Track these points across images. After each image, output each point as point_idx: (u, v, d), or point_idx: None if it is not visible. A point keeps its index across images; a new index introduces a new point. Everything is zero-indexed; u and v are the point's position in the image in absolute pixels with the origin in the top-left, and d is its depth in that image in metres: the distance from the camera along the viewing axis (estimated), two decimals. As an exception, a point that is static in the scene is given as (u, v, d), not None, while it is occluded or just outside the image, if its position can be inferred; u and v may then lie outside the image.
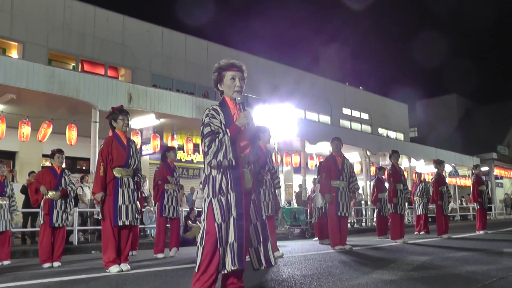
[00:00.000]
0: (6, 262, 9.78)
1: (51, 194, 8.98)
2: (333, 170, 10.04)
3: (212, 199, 4.19)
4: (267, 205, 8.68)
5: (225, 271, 4.08)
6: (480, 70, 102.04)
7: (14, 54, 20.22)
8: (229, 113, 4.38)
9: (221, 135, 4.18)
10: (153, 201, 15.44)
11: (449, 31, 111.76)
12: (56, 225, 8.94)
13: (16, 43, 20.42)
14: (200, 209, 16.23)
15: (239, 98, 4.38)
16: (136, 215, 7.49)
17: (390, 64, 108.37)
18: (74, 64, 22.13)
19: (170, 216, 10.08)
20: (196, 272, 4.16)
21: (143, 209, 11.61)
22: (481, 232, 14.43)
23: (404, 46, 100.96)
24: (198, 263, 4.15)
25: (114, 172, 7.30)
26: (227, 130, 4.21)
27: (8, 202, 10.11)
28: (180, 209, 11.14)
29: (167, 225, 10.44)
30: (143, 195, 10.45)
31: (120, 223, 7.17)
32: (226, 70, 4.42)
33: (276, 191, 9.13)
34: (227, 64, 4.42)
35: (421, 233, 15.92)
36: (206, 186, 4.26)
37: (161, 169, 10.17)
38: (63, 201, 9.08)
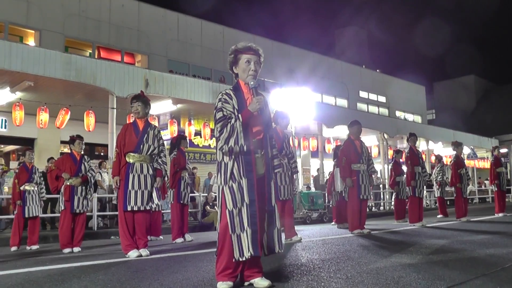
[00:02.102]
0: (34, 247, 10.00)
1: (71, 180, 9.04)
2: (353, 154, 10.00)
3: (224, 186, 4.19)
4: (283, 188, 8.69)
5: (241, 258, 4.08)
6: (498, 51, 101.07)
7: (31, 41, 20.34)
8: (243, 98, 4.35)
9: (232, 120, 4.15)
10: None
11: (467, 12, 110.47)
12: (77, 211, 9.02)
13: (33, 31, 20.55)
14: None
15: (251, 83, 4.34)
16: (151, 201, 7.50)
17: (407, 46, 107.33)
18: (90, 51, 22.23)
19: (185, 202, 10.20)
20: (216, 259, 4.20)
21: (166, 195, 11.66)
22: (500, 214, 14.30)
23: (421, 28, 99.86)
24: (217, 250, 4.19)
25: (126, 157, 7.37)
26: (239, 115, 4.18)
27: (37, 189, 10.27)
28: (198, 194, 11.18)
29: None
30: (165, 181, 10.51)
31: (129, 208, 7.22)
32: (242, 53, 4.38)
33: (294, 176, 9.11)
34: (244, 47, 4.38)
35: (438, 216, 15.84)
36: (219, 173, 4.26)
37: (178, 157, 10.26)
38: (83, 187, 9.16)
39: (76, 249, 8.85)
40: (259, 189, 4.24)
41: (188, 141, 10.71)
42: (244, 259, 4.08)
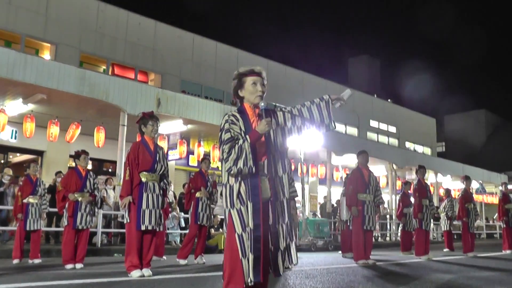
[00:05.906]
0: (37, 261, 9.93)
1: (77, 195, 9.00)
2: (360, 183, 9.98)
3: (231, 209, 4.10)
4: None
5: (245, 284, 4.01)
6: (510, 85, 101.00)
7: (46, 55, 20.50)
8: (248, 120, 4.31)
9: (240, 142, 4.10)
10: (177, 207, 15.52)
11: (483, 40, 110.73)
12: (80, 227, 8.96)
13: (49, 44, 20.72)
14: (222, 217, 16.28)
15: (262, 104, 4.33)
16: (160, 220, 7.50)
17: (420, 77, 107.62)
18: (105, 67, 22.36)
19: (204, 223, 10.10)
20: (223, 282, 4.11)
21: (169, 215, 11.64)
22: (508, 251, 14.20)
23: (435, 58, 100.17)
24: (223, 273, 4.10)
25: (140, 176, 7.34)
26: (247, 136, 4.14)
27: (40, 201, 10.25)
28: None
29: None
30: (168, 201, 10.49)
31: (143, 228, 7.18)
32: (246, 76, 4.35)
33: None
34: (247, 70, 4.36)
35: (444, 250, 15.73)
36: (225, 196, 4.18)
37: (195, 178, 10.35)
38: (87, 204, 9.12)
39: (78, 266, 8.79)
40: (265, 213, 4.14)
41: (207, 162, 10.75)
42: (247, 284, 4.01)
